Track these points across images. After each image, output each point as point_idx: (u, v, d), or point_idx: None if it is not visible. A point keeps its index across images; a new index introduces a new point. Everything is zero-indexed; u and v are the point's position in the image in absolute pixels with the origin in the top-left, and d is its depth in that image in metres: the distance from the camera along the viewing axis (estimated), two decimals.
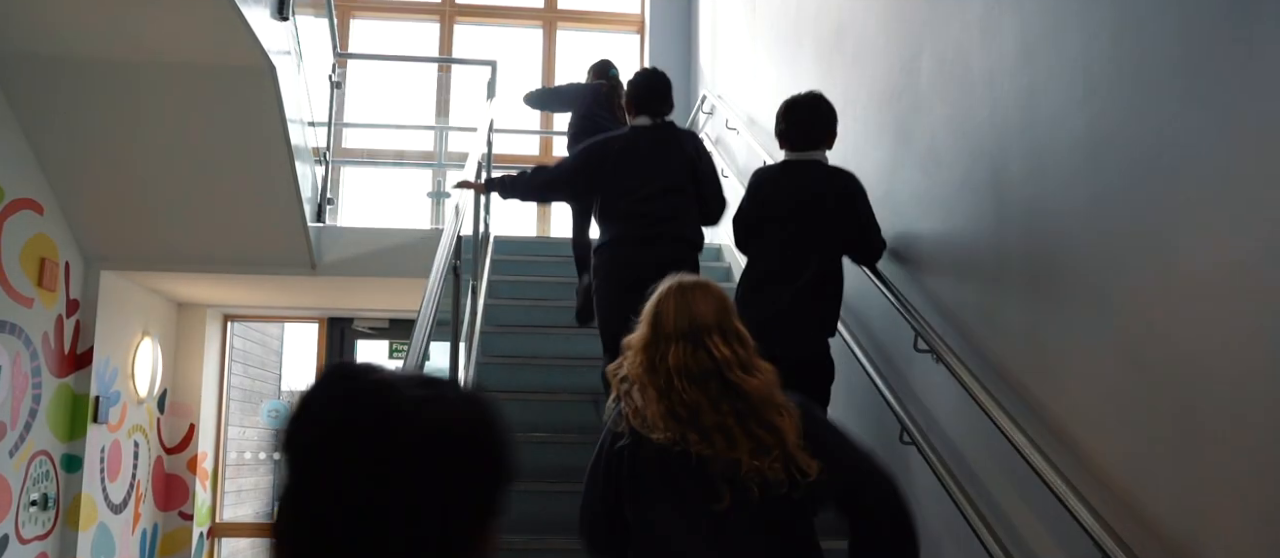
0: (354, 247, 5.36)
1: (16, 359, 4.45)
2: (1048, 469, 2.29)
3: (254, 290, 5.95)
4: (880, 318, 3.51)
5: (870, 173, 3.73)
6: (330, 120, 5.63)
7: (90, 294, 5.08)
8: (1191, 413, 1.95)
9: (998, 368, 2.70)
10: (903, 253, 3.38)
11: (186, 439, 6.30)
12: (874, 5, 3.78)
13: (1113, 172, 2.22)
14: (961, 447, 2.89)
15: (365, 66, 7.38)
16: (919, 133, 3.29)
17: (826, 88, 4.28)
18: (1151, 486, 2.06)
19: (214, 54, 3.83)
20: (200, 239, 5.05)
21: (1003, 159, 2.73)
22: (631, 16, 8.03)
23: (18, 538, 4.54)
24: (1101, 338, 2.24)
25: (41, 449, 4.75)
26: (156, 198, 4.74)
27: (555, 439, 3.86)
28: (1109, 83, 2.25)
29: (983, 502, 2.69)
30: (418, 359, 2.60)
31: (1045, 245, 2.50)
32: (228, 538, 6.84)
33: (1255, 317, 1.80)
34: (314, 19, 5.11)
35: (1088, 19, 2.34)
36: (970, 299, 2.90)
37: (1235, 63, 1.86)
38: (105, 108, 4.19)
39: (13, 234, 4.35)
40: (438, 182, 6.67)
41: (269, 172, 4.52)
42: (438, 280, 3.10)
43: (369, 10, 7.81)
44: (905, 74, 3.42)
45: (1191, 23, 1.99)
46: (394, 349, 7.05)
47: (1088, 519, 2.11)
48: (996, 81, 2.77)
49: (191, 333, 6.39)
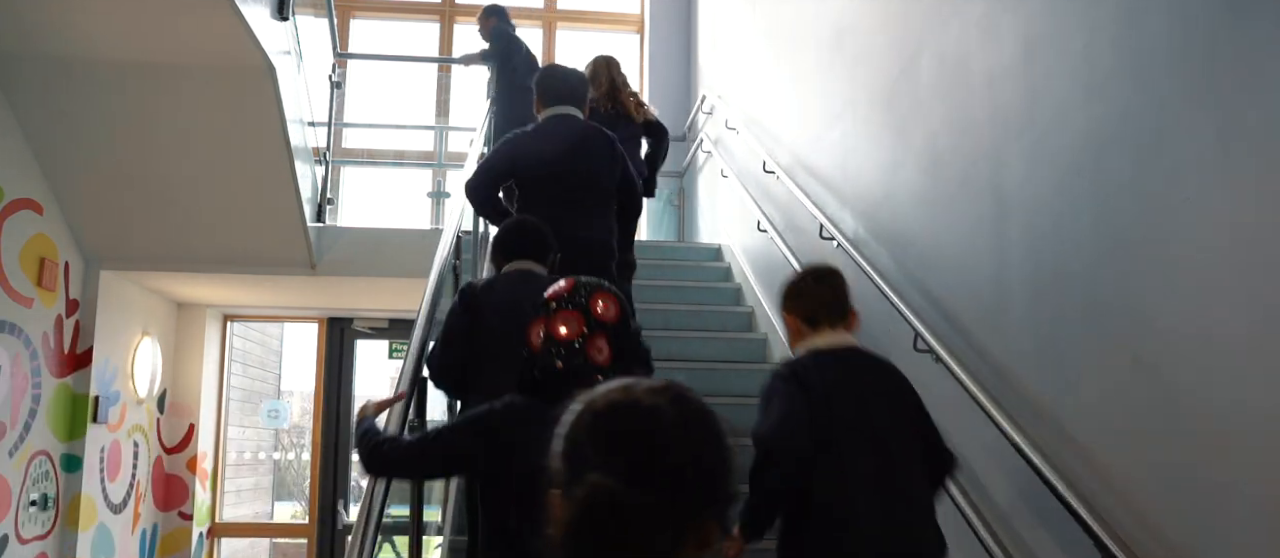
0: (354, 247, 5.36)
1: (16, 359, 4.45)
2: (1048, 469, 2.29)
3: (254, 290, 5.95)
4: (880, 318, 3.51)
5: (870, 173, 3.73)
6: (330, 120, 5.63)
7: (90, 294, 5.08)
8: (1192, 412, 1.95)
9: (998, 368, 2.70)
10: (903, 253, 3.39)
11: (186, 439, 6.30)
12: (874, 6, 3.78)
13: (1113, 171, 2.22)
14: (961, 447, 2.89)
15: (365, 66, 7.39)
16: (919, 133, 3.29)
17: (827, 88, 4.29)
18: (1152, 485, 2.06)
19: (214, 54, 3.83)
20: (200, 239, 5.05)
21: (1003, 159, 2.73)
22: (631, 16, 8.03)
23: (17, 538, 4.54)
24: (1101, 338, 2.24)
25: (41, 449, 4.75)
26: (156, 198, 4.74)
27: None
28: (1109, 83, 2.25)
29: (982, 502, 2.69)
30: (417, 359, 2.60)
31: (1045, 245, 2.50)
32: (227, 538, 6.84)
33: (1256, 316, 1.80)
34: (314, 19, 5.11)
35: (1088, 19, 2.34)
36: (970, 299, 2.90)
37: (1235, 62, 1.86)
38: (105, 108, 4.19)
39: (13, 234, 4.35)
40: (438, 182, 6.68)
41: (269, 172, 4.53)
42: (437, 280, 3.10)
43: (369, 10, 7.81)
44: (905, 74, 3.42)
45: (1191, 23, 1.99)
46: (393, 349, 7.05)
47: (1088, 519, 2.11)
48: (996, 81, 2.77)
49: (191, 333, 6.39)
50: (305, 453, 7.81)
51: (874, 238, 3.64)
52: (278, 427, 8.25)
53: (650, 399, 0.96)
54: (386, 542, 4.73)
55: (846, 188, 3.97)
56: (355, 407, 6.94)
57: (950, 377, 2.80)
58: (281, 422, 7.81)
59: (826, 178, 4.21)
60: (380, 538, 2.14)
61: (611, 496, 0.91)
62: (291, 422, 8.86)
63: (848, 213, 3.92)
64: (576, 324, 1.84)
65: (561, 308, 1.87)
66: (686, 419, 0.96)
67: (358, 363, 6.99)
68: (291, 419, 8.77)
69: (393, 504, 2.20)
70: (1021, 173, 2.62)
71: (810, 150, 4.47)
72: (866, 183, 3.76)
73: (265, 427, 7.93)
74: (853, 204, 3.88)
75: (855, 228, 3.83)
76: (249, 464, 7.75)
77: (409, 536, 2.75)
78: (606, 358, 1.84)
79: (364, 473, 2.15)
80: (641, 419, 0.95)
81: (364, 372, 7.06)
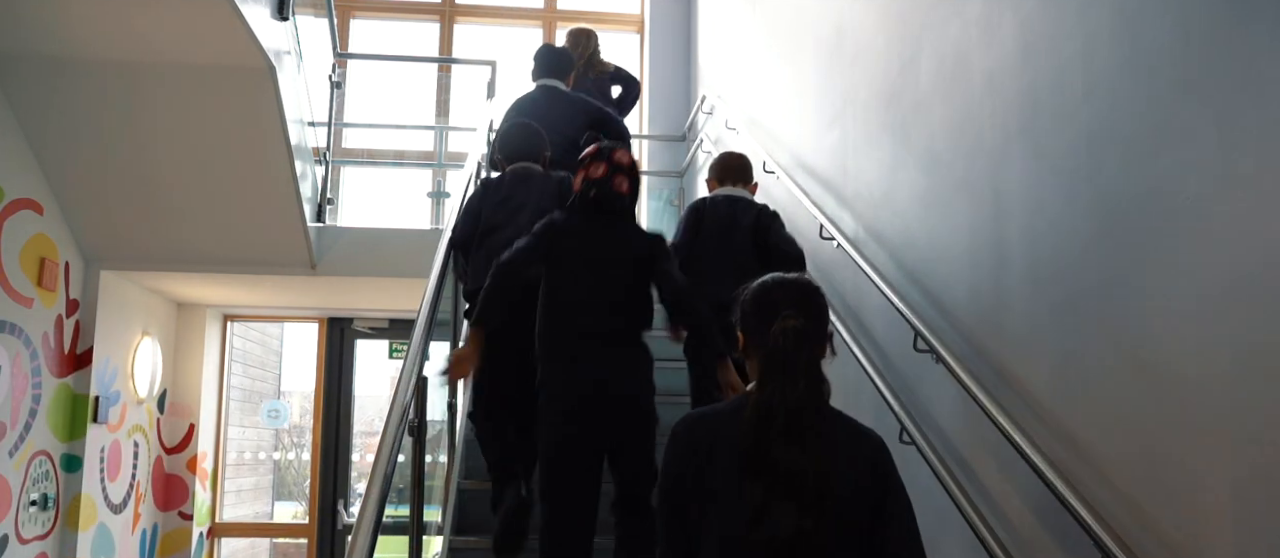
0: (354, 247, 5.36)
1: (16, 359, 4.45)
2: (1048, 469, 2.29)
3: (254, 290, 5.95)
4: (880, 318, 3.51)
5: (870, 173, 3.73)
6: (330, 120, 5.63)
7: (90, 294, 5.09)
8: (1192, 412, 1.95)
9: (998, 368, 2.70)
10: (903, 253, 3.39)
11: (186, 439, 6.30)
12: (874, 5, 3.78)
13: (1113, 171, 2.22)
14: (961, 447, 2.89)
15: (365, 66, 7.38)
16: (919, 133, 3.29)
17: (826, 88, 4.29)
18: (1152, 485, 2.06)
19: (214, 54, 3.83)
20: (200, 239, 5.05)
21: (1003, 159, 2.73)
22: (631, 16, 8.03)
23: (18, 538, 4.54)
24: (1101, 337, 2.24)
25: (41, 449, 4.76)
26: (156, 198, 4.74)
27: None
28: (1109, 82, 2.25)
29: (983, 502, 2.69)
30: (417, 359, 2.59)
31: (1045, 245, 2.50)
32: (227, 538, 6.84)
33: (1256, 316, 1.80)
34: (314, 19, 5.11)
35: (1088, 18, 2.34)
36: (970, 299, 2.90)
37: (1235, 62, 1.86)
38: (105, 108, 4.19)
39: (13, 234, 4.35)
40: (438, 182, 6.67)
41: (269, 172, 4.53)
42: (437, 280, 3.10)
43: (369, 10, 7.81)
44: (905, 74, 3.42)
45: (1191, 22, 1.99)
46: (393, 349, 7.05)
47: (1088, 519, 2.11)
48: (996, 81, 2.77)
49: (191, 333, 6.40)
50: (305, 453, 7.81)
51: (874, 238, 3.64)
52: (278, 427, 8.25)
53: (805, 279, 1.84)
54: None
55: (846, 188, 3.97)
56: (355, 407, 6.96)
57: (950, 377, 2.80)
58: (281, 422, 7.81)
59: (826, 178, 4.21)
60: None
61: (800, 327, 1.70)
62: (291, 422, 8.86)
63: (848, 213, 3.92)
64: (604, 168, 2.70)
65: (594, 159, 2.73)
66: (819, 287, 1.81)
67: (358, 363, 6.99)
68: (291, 419, 8.77)
69: (393, 504, 2.20)
70: (1021, 173, 2.62)
71: (810, 150, 4.47)
72: (866, 183, 3.76)
73: (265, 427, 7.93)
74: (853, 204, 3.88)
75: (855, 228, 3.83)
76: (249, 464, 7.75)
77: (409, 536, 2.75)
78: (625, 190, 2.74)
79: (496, 291, 2.66)
80: (807, 286, 1.81)
81: (364, 372, 7.07)
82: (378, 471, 1.99)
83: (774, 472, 1.62)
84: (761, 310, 1.75)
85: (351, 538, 1.75)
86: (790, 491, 1.61)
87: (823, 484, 1.62)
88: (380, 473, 1.98)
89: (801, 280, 1.82)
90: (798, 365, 1.67)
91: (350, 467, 6.83)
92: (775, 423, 1.63)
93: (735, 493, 1.64)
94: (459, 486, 3.49)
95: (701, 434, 1.74)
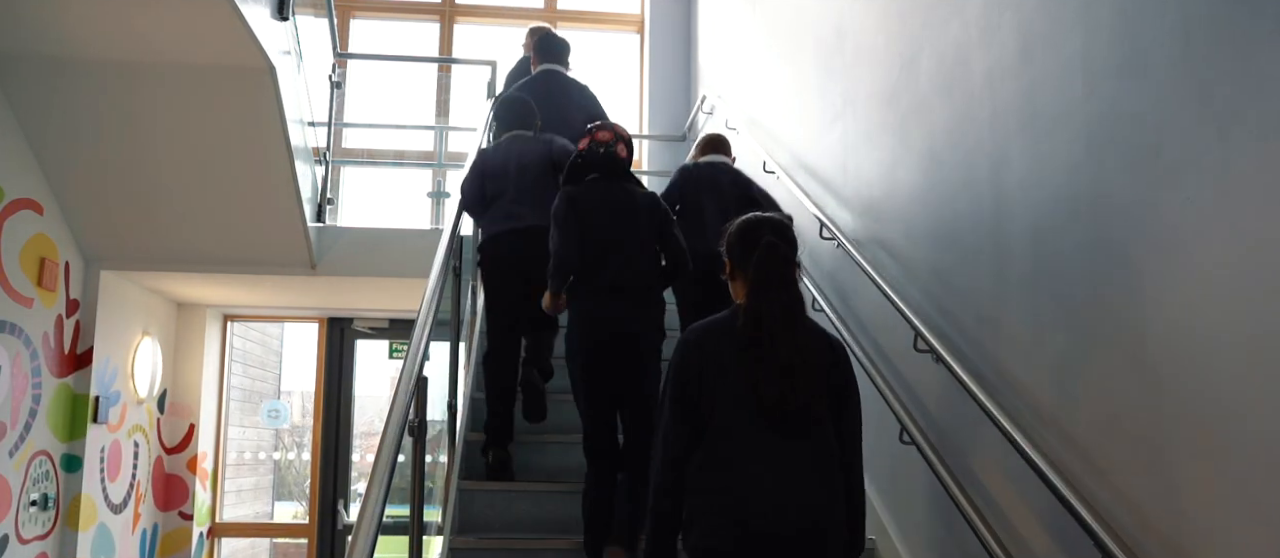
0: (354, 247, 5.36)
1: (16, 359, 4.45)
2: (1048, 468, 2.29)
3: (254, 290, 5.95)
4: (880, 318, 3.51)
5: (870, 172, 3.73)
6: (330, 120, 5.63)
7: (90, 294, 5.08)
8: (1192, 412, 1.95)
9: (998, 368, 2.70)
10: (902, 252, 3.39)
11: (186, 439, 6.30)
12: (874, 6, 3.78)
13: (1113, 170, 2.22)
14: (961, 447, 2.89)
15: (365, 66, 7.38)
16: (919, 133, 3.29)
17: (826, 88, 4.29)
18: (1152, 485, 2.06)
19: (214, 54, 3.83)
20: (200, 239, 5.05)
21: (1003, 159, 2.73)
22: (631, 16, 8.03)
23: (18, 538, 4.54)
24: (1102, 337, 2.25)
25: (41, 449, 4.76)
26: (156, 198, 4.74)
27: (556, 440, 3.86)
28: (1109, 82, 2.25)
29: (982, 502, 2.70)
30: (417, 359, 2.59)
31: (1045, 245, 2.50)
32: (227, 538, 6.84)
33: (1256, 316, 1.80)
34: (314, 19, 5.11)
35: (1088, 18, 2.34)
36: (970, 299, 2.90)
37: (1235, 62, 1.86)
38: (105, 108, 4.19)
39: (13, 234, 4.35)
40: (438, 182, 6.67)
41: (269, 172, 4.53)
42: (437, 280, 3.10)
43: (369, 10, 7.81)
44: (905, 74, 3.42)
45: (1191, 22, 1.99)
46: (393, 349, 7.05)
47: (1088, 518, 2.11)
48: (996, 81, 2.77)
49: (191, 333, 6.40)
50: (305, 453, 7.81)
51: (873, 238, 3.65)
52: (278, 427, 8.24)
53: (780, 215, 2.35)
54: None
55: (846, 188, 3.97)
56: (355, 407, 6.96)
57: (950, 377, 2.81)
58: (281, 422, 7.80)
59: (826, 177, 4.21)
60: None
61: (778, 246, 2.19)
62: (291, 422, 8.85)
63: (848, 213, 3.92)
64: (610, 134, 3.36)
65: (599, 128, 3.38)
66: (791, 219, 2.31)
67: (358, 363, 6.99)
68: (291, 419, 8.76)
69: (393, 504, 2.20)
70: (1021, 173, 2.62)
71: (810, 150, 4.47)
72: (866, 183, 3.76)
73: (265, 427, 7.92)
74: (853, 204, 3.89)
75: (855, 228, 3.83)
76: (249, 464, 7.75)
77: (409, 536, 2.75)
78: (625, 155, 3.38)
79: (557, 272, 3.21)
80: (782, 220, 2.30)
81: (364, 372, 7.07)
82: (378, 471, 1.99)
83: (774, 357, 2.08)
84: (745, 239, 2.24)
85: (351, 538, 1.75)
86: (784, 370, 2.08)
87: (808, 360, 2.12)
88: (380, 473, 1.98)
89: (777, 217, 2.32)
90: (781, 276, 2.16)
91: (350, 467, 6.83)
92: (765, 322, 2.11)
93: (737, 376, 2.10)
94: (459, 486, 3.50)
95: (707, 340, 2.19)
